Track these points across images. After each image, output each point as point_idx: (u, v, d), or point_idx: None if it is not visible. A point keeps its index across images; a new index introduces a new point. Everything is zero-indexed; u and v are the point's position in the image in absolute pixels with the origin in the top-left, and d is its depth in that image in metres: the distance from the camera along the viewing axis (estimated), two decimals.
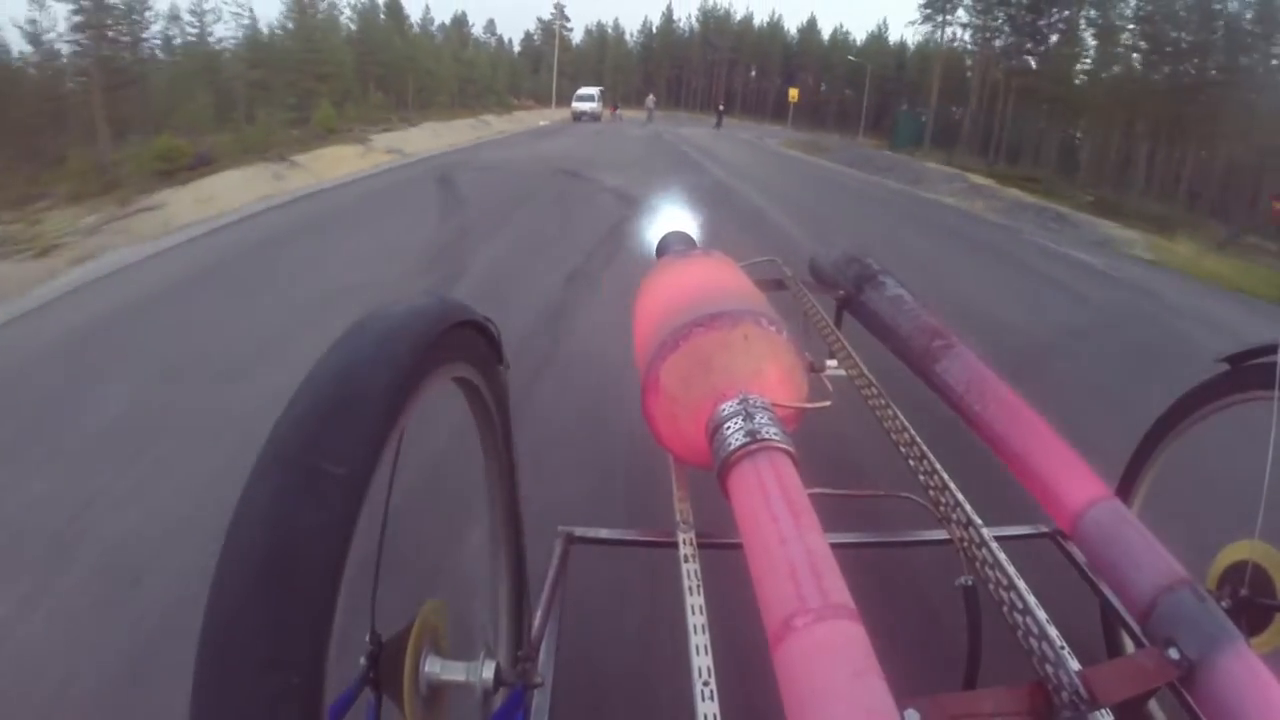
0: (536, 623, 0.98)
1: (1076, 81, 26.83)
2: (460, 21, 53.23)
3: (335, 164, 10.15)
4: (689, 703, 0.73)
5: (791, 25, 63.28)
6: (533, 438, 2.22)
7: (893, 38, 50.41)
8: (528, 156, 12.76)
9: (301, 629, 0.42)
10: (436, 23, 50.13)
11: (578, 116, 30.54)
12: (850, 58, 47.64)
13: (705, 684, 0.75)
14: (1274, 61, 22.24)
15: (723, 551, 1.04)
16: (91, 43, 22.21)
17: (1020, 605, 0.74)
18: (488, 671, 0.71)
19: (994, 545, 0.83)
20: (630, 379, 1.19)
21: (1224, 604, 0.94)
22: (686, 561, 0.98)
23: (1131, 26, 25.59)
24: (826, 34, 57.54)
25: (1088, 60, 27.01)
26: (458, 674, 0.68)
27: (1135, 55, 25.63)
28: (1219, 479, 1.79)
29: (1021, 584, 0.78)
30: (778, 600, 0.63)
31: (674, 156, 14.70)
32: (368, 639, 0.62)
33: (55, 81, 22.25)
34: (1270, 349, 1.09)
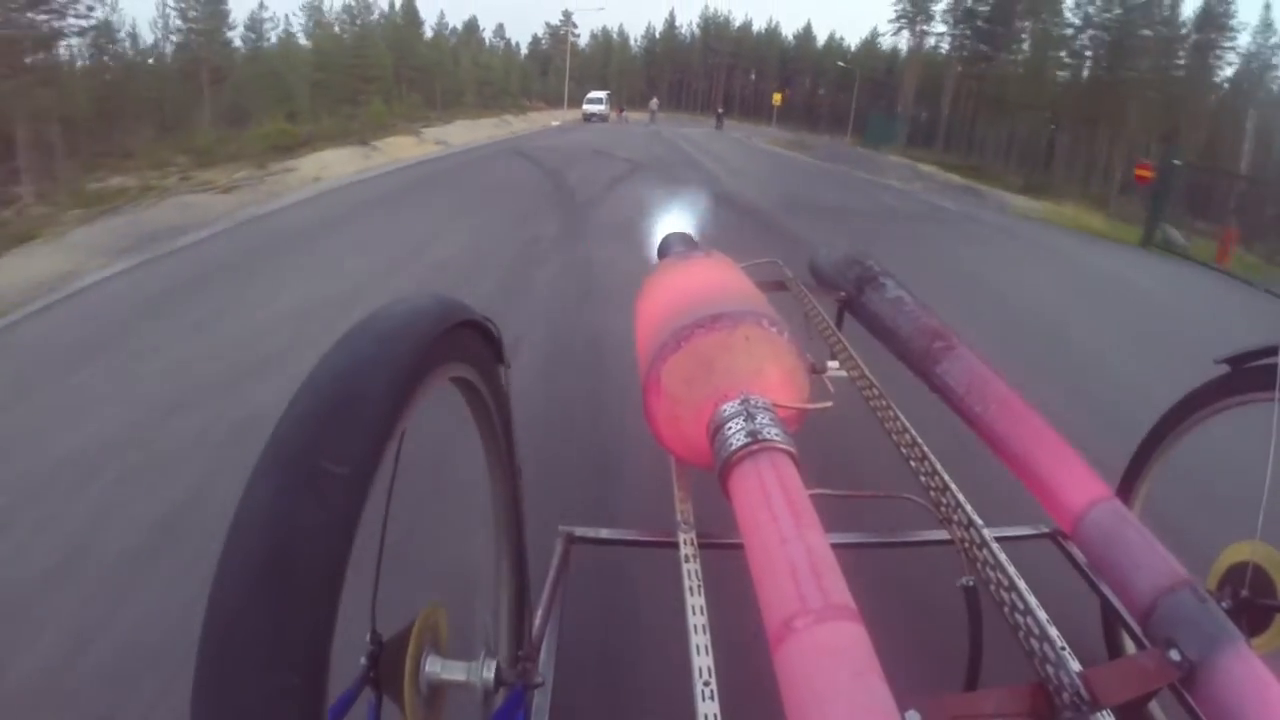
0: (537, 622, 0.98)
1: (1027, 83, 31.34)
2: (472, 27, 55.78)
3: (402, 149, 13.35)
4: (689, 703, 0.73)
5: (788, 31, 66.02)
6: (623, 196, 8.47)
7: (885, 44, 52.68)
8: (560, 144, 17.02)
9: (302, 629, 0.42)
10: (449, 27, 53.11)
11: (588, 117, 34.47)
12: (840, 63, 50.46)
13: (706, 684, 0.75)
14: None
15: (723, 552, 1.04)
16: (197, 45, 28.53)
17: (1021, 606, 0.74)
18: (488, 671, 0.71)
19: (995, 546, 0.83)
20: (634, 190, 8.42)
21: (1225, 605, 0.94)
22: (687, 562, 0.98)
23: (1080, 35, 30.48)
24: (822, 39, 59.88)
25: (1044, 66, 31.91)
26: (458, 674, 0.68)
27: (1069, 60, 31.02)
28: (1220, 480, 1.79)
29: (1022, 584, 0.78)
30: (778, 601, 0.63)
31: (669, 146, 18.85)
32: (368, 639, 0.62)
33: (154, 77, 27.32)
34: (1270, 350, 1.09)
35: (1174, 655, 0.72)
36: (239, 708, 0.40)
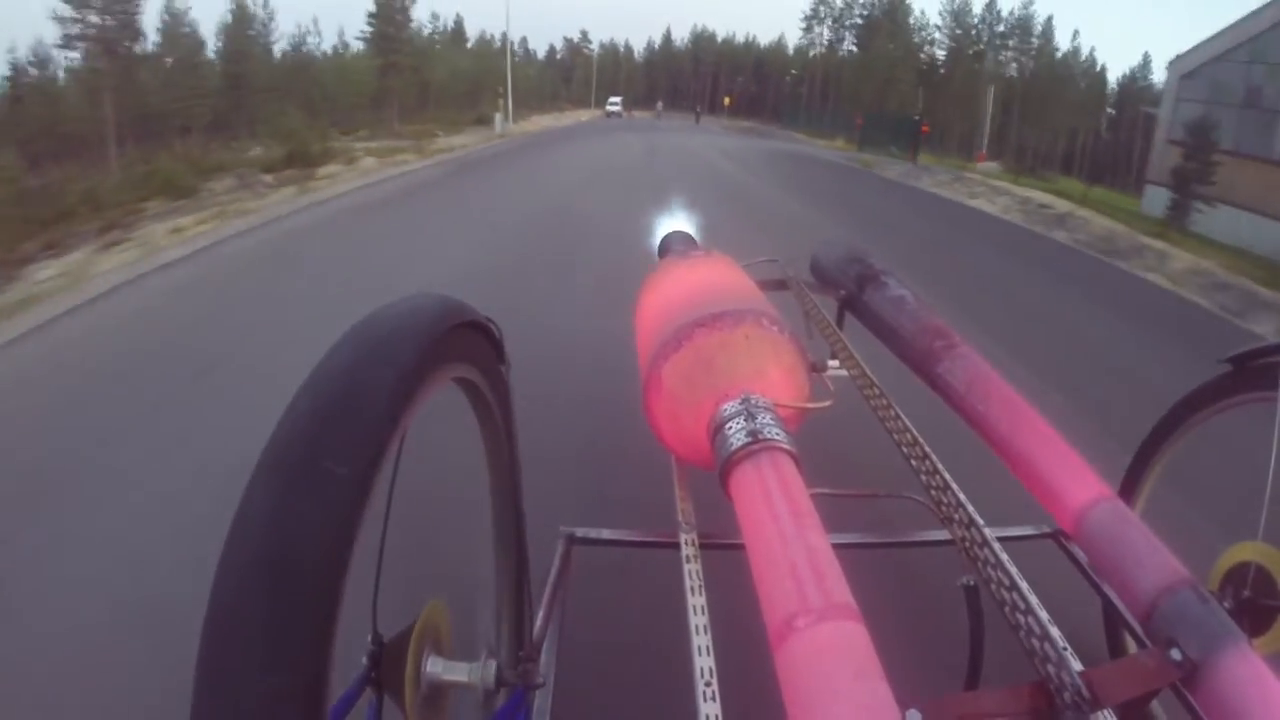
0: (538, 623, 0.98)
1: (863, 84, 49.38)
2: (505, 40, 65.86)
3: (524, 128, 25.87)
4: (691, 703, 0.73)
5: (765, 40, 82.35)
6: (657, 136, 25.19)
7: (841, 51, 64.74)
8: (610, 124, 32.60)
9: (303, 629, 0.42)
10: (485, 38, 64.78)
11: (609, 115, 48.89)
12: (793, 71, 63.69)
13: (707, 684, 0.75)
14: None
15: (724, 552, 1.04)
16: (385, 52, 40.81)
17: (1022, 605, 0.74)
18: (489, 672, 0.71)
19: (996, 545, 0.83)
20: (647, 131, 27.63)
21: (1226, 605, 0.94)
22: (688, 562, 0.98)
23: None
24: (792, 47, 71.40)
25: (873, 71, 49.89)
26: (459, 674, 0.68)
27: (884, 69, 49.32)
28: (1222, 480, 1.79)
29: (1023, 584, 0.77)
30: (780, 601, 0.63)
31: (654, 126, 33.88)
32: (369, 639, 0.62)
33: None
34: (1273, 349, 1.09)
35: (1175, 655, 0.72)
36: (240, 708, 0.40)
